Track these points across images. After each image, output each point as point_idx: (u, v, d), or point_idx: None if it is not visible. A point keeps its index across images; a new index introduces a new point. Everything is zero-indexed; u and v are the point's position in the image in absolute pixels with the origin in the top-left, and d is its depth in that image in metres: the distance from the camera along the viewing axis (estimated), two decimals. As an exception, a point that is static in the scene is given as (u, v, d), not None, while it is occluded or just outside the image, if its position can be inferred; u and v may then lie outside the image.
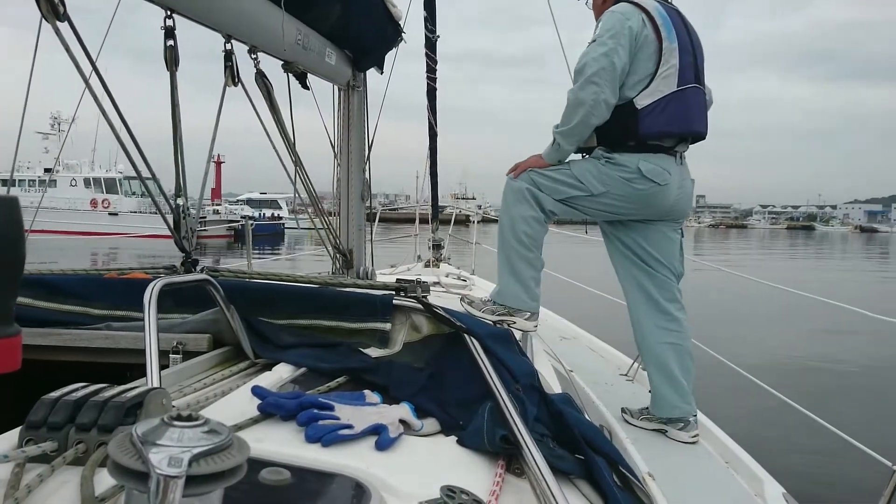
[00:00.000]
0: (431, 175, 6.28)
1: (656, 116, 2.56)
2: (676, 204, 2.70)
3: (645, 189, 2.60)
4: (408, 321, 1.86)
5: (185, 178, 1.93)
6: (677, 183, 2.66)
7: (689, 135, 2.68)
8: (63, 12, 1.51)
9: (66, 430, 0.93)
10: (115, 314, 1.88)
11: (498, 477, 1.10)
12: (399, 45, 3.74)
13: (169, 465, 0.59)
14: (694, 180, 2.81)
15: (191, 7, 1.96)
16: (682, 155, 2.70)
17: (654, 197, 2.62)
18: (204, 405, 1.31)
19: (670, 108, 2.57)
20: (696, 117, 2.65)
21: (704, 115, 2.71)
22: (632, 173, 2.58)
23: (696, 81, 2.64)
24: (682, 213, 2.79)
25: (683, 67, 2.58)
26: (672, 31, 2.58)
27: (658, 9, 2.60)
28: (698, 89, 2.66)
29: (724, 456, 2.62)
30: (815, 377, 7.68)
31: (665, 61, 2.56)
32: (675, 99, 2.57)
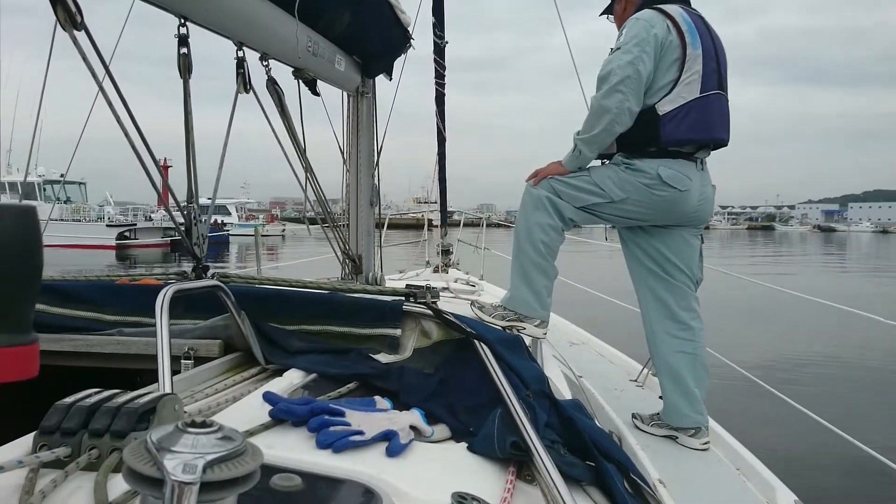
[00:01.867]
0: (440, 180, 6.30)
1: (678, 123, 2.56)
2: (698, 210, 2.69)
3: (665, 195, 2.59)
4: (418, 327, 1.86)
5: (198, 185, 1.94)
6: (698, 189, 2.65)
7: (711, 142, 2.67)
8: (80, 21, 1.52)
9: (79, 435, 0.94)
10: (126, 320, 1.89)
11: (509, 483, 1.10)
12: (407, 51, 3.75)
13: (184, 471, 0.59)
14: (715, 186, 2.79)
15: (204, 15, 1.98)
16: (702, 161, 2.69)
17: (675, 203, 2.61)
18: (215, 411, 1.32)
19: (692, 115, 2.56)
20: (718, 124, 2.64)
21: (727, 122, 2.70)
22: (652, 179, 2.58)
23: (720, 88, 2.63)
24: (703, 218, 2.76)
25: (707, 74, 2.57)
26: (696, 37, 2.57)
27: (683, 15, 2.59)
28: (721, 96, 2.64)
29: (736, 462, 2.61)
30: (824, 380, 7.63)
31: (688, 68, 2.56)
32: (698, 106, 2.56)
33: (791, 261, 28.07)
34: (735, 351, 7.20)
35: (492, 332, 1.76)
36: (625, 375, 3.88)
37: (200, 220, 1.89)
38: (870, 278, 21.26)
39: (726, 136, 2.70)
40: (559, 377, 2.20)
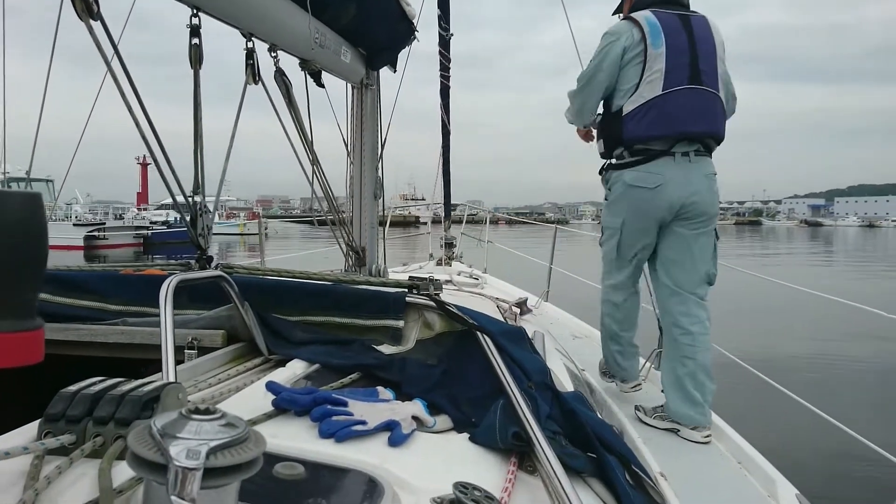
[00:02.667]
0: (444, 174, 6.29)
1: (638, 122, 2.69)
2: (686, 202, 2.71)
3: (638, 196, 2.74)
4: (420, 318, 1.87)
5: (204, 176, 1.94)
6: (679, 182, 2.70)
7: (679, 136, 2.69)
8: (97, 11, 1.53)
9: (84, 423, 0.95)
10: (131, 310, 1.90)
11: (510, 474, 1.10)
12: (412, 43, 3.75)
13: (187, 457, 0.60)
14: (713, 175, 2.79)
15: (216, 5, 1.99)
16: (685, 154, 2.71)
17: (652, 200, 2.72)
18: (219, 400, 1.33)
19: (652, 113, 2.67)
20: (686, 118, 2.67)
21: (707, 114, 2.71)
22: (623, 187, 2.78)
23: (694, 82, 2.66)
24: (699, 210, 2.75)
25: (672, 70, 2.65)
26: (660, 36, 2.67)
27: (648, 18, 2.73)
28: (694, 90, 2.67)
29: (737, 456, 2.61)
30: (825, 375, 7.63)
31: (649, 67, 2.68)
32: (659, 103, 2.66)
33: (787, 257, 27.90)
34: (736, 343, 7.20)
35: (494, 324, 1.77)
36: None
37: (206, 212, 1.90)
38: (868, 275, 21.15)
39: (705, 127, 2.72)
40: (562, 370, 2.20)
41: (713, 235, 2.84)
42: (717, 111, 2.75)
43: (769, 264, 23.55)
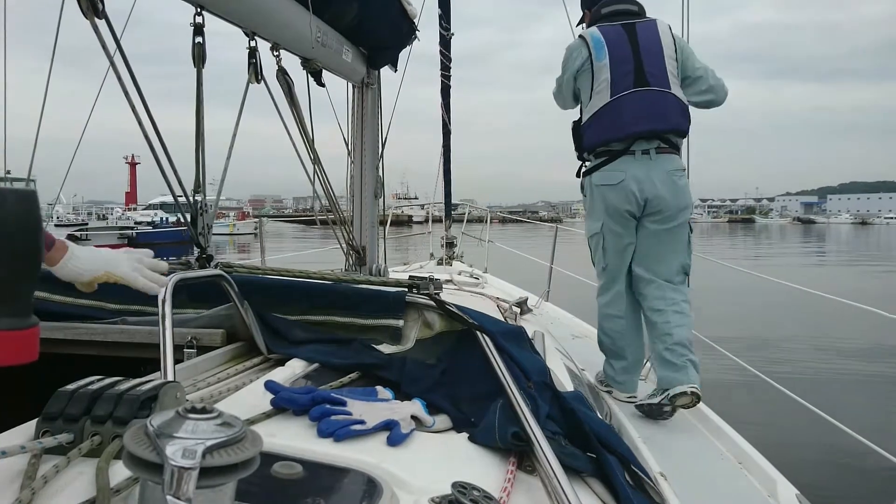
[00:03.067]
0: (445, 172, 6.30)
1: (594, 129, 2.95)
2: (649, 198, 2.87)
3: (605, 194, 2.94)
4: (420, 318, 1.87)
5: (205, 175, 1.94)
6: (639, 178, 2.86)
7: (631, 137, 2.87)
8: (102, 10, 1.53)
9: (81, 422, 0.95)
10: (130, 308, 1.90)
11: (509, 474, 1.10)
12: (413, 42, 3.74)
13: (183, 456, 0.59)
14: (677, 171, 2.92)
15: (220, 4, 1.99)
16: (645, 152, 2.88)
17: (618, 195, 2.90)
18: (217, 399, 1.33)
19: (605, 119, 2.90)
20: (635, 120, 2.86)
21: (655, 113, 2.87)
22: (593, 187, 2.99)
23: (641, 85, 2.87)
24: (664, 205, 2.88)
25: (618, 79, 2.89)
26: (603, 49, 2.93)
27: (593, 34, 2.99)
28: (639, 92, 2.87)
29: (737, 456, 2.61)
30: (824, 374, 7.62)
31: (596, 78, 2.94)
32: (608, 109, 2.89)
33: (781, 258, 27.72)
34: (735, 343, 7.19)
35: (494, 324, 1.77)
36: None
37: (206, 211, 1.90)
38: (867, 275, 21.13)
39: (654, 125, 2.87)
40: (561, 369, 2.20)
41: (686, 228, 2.97)
42: (668, 108, 2.89)
43: (765, 264, 23.53)
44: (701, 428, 2.92)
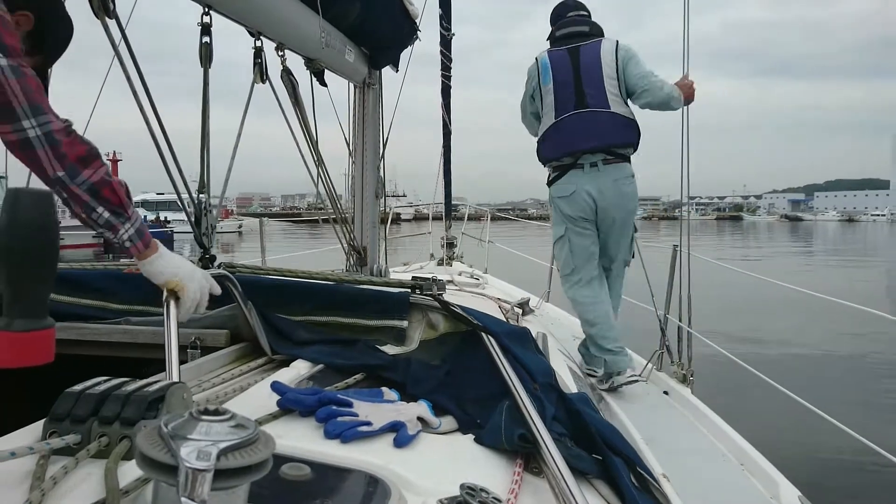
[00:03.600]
0: (445, 173, 6.29)
1: (545, 146, 3.40)
2: (599, 206, 3.31)
3: (559, 204, 3.41)
4: (424, 319, 1.86)
5: (210, 175, 1.94)
6: (589, 189, 3.30)
7: (575, 153, 3.29)
8: (113, 9, 1.53)
9: (89, 422, 0.94)
10: (134, 309, 1.90)
11: (516, 476, 1.10)
12: (414, 43, 3.74)
13: (198, 458, 0.59)
14: (629, 178, 3.34)
15: (227, 4, 1.99)
16: (593, 165, 3.29)
17: (570, 206, 3.35)
18: (224, 400, 1.32)
19: (553, 138, 3.33)
20: (576, 140, 3.29)
21: (594, 132, 3.27)
22: (553, 200, 3.44)
23: (581, 107, 3.27)
24: (612, 211, 3.32)
25: (561, 102, 3.29)
26: (548, 73, 3.32)
27: (542, 60, 3.39)
28: (580, 114, 3.27)
29: (739, 458, 2.61)
30: (824, 374, 7.63)
31: (544, 101, 3.36)
32: (553, 130, 3.32)
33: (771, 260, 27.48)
34: (735, 343, 7.20)
35: (499, 325, 1.77)
36: (629, 370, 3.88)
37: (210, 211, 1.90)
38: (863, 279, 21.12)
39: (595, 143, 3.27)
40: (565, 371, 2.20)
41: (631, 228, 3.45)
42: (607, 126, 3.28)
43: (758, 267, 23.52)
44: (703, 429, 2.92)
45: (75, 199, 1.25)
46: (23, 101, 1.16)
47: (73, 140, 1.23)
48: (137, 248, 1.36)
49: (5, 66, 1.14)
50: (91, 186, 1.25)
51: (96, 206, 1.28)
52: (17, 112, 1.16)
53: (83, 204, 1.26)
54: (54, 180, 1.21)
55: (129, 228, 1.33)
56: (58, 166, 1.21)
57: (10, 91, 1.14)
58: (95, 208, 1.28)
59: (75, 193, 1.24)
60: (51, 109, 1.20)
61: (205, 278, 1.48)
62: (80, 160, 1.24)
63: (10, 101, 1.15)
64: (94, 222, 1.30)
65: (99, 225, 1.30)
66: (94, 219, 1.29)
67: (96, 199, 1.27)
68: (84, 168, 1.24)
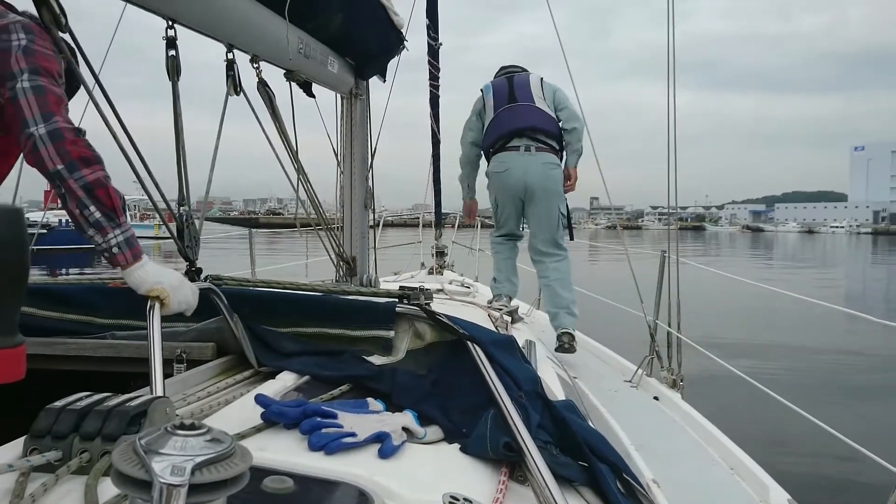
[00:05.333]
0: (434, 182, 6.30)
1: (488, 135, 4.17)
2: (527, 182, 3.97)
3: (495, 179, 4.11)
4: (411, 328, 1.86)
5: (189, 187, 1.93)
6: (520, 167, 3.99)
7: (508, 134, 4.04)
8: (65, 23, 1.52)
9: (70, 438, 0.94)
10: (119, 323, 1.88)
11: (501, 484, 1.10)
12: (401, 52, 3.75)
13: (172, 473, 0.59)
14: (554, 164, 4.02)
15: (192, 17, 1.96)
16: (526, 148, 4.00)
17: (505, 179, 4.03)
18: (208, 414, 1.32)
19: (492, 128, 4.13)
20: (508, 123, 4.08)
21: (521, 117, 4.06)
22: (488, 174, 4.20)
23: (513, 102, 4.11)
24: (540, 189, 3.98)
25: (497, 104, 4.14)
26: (490, 91, 4.22)
27: (486, 85, 4.31)
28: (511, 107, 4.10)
29: (729, 462, 2.61)
30: (815, 378, 7.65)
31: (486, 108, 4.21)
32: (493, 122, 4.13)
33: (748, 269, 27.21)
34: (724, 348, 7.21)
35: (485, 334, 1.76)
36: (619, 376, 3.89)
37: (192, 223, 1.89)
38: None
39: (522, 124, 4.04)
40: (553, 378, 2.20)
41: (556, 209, 4.03)
42: (531, 114, 4.06)
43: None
44: (693, 434, 2.93)
45: (70, 193, 1.35)
46: (35, 111, 1.32)
47: (79, 142, 1.35)
48: (125, 256, 1.42)
49: (27, 88, 1.33)
50: (87, 184, 1.35)
51: (89, 205, 1.36)
52: (28, 120, 1.31)
53: (77, 199, 1.35)
54: (53, 174, 1.33)
55: (119, 235, 1.40)
56: (58, 160, 1.32)
57: (25, 104, 1.31)
58: (88, 206, 1.36)
59: (71, 188, 1.34)
60: (64, 116, 1.35)
61: (192, 292, 1.54)
62: (81, 159, 1.34)
63: (24, 112, 1.31)
64: (86, 220, 1.37)
65: (90, 223, 1.38)
66: (86, 216, 1.37)
67: (90, 197, 1.36)
68: (84, 167, 1.34)
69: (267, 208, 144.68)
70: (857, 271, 28.54)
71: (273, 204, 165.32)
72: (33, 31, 1.44)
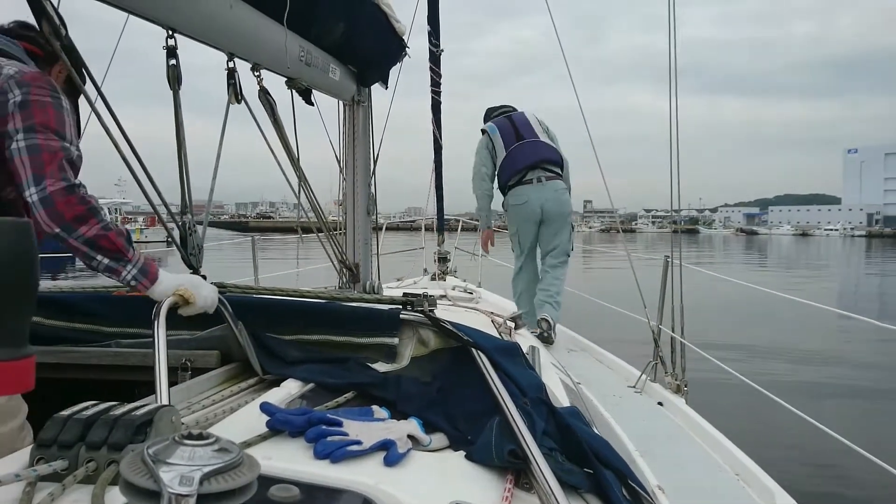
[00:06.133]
0: (437, 188, 6.30)
1: (503, 172, 5.03)
2: (544, 208, 4.92)
3: (517, 209, 5.01)
4: (415, 335, 1.86)
5: (191, 196, 1.93)
6: (537, 197, 4.91)
7: (523, 169, 4.93)
8: (65, 34, 1.53)
9: (76, 448, 0.94)
10: (124, 331, 1.89)
11: (507, 492, 1.10)
12: (403, 59, 3.76)
13: (180, 483, 0.59)
14: (564, 189, 5.01)
15: (193, 27, 1.96)
16: (539, 179, 4.92)
17: (524, 210, 4.96)
18: (213, 422, 1.32)
19: (506, 163, 4.99)
20: (522, 159, 4.95)
21: (531, 152, 4.95)
22: (508, 207, 5.08)
23: (518, 140, 5.00)
24: (554, 214, 4.95)
25: (507, 143, 5.02)
26: (496, 131, 5.09)
27: (490, 126, 5.15)
28: (519, 145, 4.98)
29: (735, 468, 2.61)
30: (821, 384, 7.63)
31: (496, 148, 5.05)
32: (507, 158, 4.99)
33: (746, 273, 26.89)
34: (729, 353, 7.20)
35: (489, 341, 1.76)
36: (623, 382, 3.88)
37: (195, 231, 1.89)
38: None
39: (534, 159, 4.95)
40: (557, 385, 2.20)
41: (569, 226, 5.05)
42: (539, 148, 4.98)
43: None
44: (698, 440, 2.92)
45: (75, 250, 1.43)
46: (28, 174, 1.38)
47: (72, 199, 1.40)
48: (144, 284, 1.50)
49: (21, 148, 1.38)
50: (87, 240, 1.42)
51: (95, 255, 1.44)
52: (22, 185, 1.38)
53: (83, 254, 1.44)
54: (53, 236, 1.40)
55: (132, 269, 1.48)
56: (53, 224, 1.38)
57: (20, 165, 1.38)
58: (95, 257, 1.44)
59: (73, 246, 1.42)
60: (57, 175, 1.39)
61: (212, 290, 1.61)
62: (75, 219, 1.39)
63: (20, 174, 1.38)
64: (96, 269, 1.46)
65: (101, 270, 1.46)
66: (95, 266, 1.46)
67: (94, 249, 1.43)
68: (80, 225, 1.40)
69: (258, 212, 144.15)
70: (861, 275, 28.42)
71: (265, 207, 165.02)
72: (27, 82, 1.46)
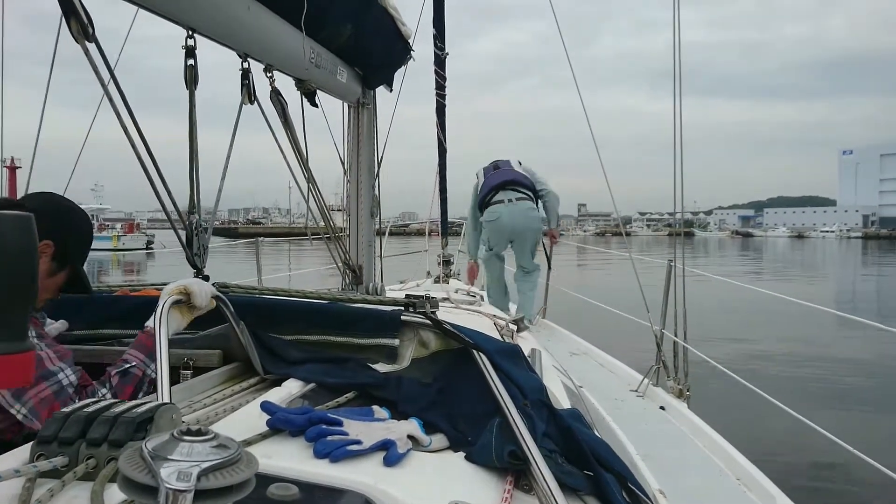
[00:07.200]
0: (441, 191, 6.31)
1: (481, 191, 5.85)
2: (514, 227, 5.68)
3: (489, 225, 5.74)
4: (416, 337, 1.86)
5: (200, 195, 1.94)
6: (507, 216, 5.62)
7: (495, 188, 5.69)
8: (92, 33, 1.54)
9: (77, 444, 0.94)
10: (126, 332, 1.89)
11: (506, 493, 1.09)
12: (408, 62, 3.77)
13: (178, 479, 0.59)
14: (533, 208, 5.73)
15: (212, 27, 2.00)
16: (510, 199, 5.63)
17: (496, 226, 5.70)
18: (214, 420, 1.32)
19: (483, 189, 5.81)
20: (494, 181, 5.76)
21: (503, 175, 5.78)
22: (484, 223, 5.80)
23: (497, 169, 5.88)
24: (522, 231, 5.72)
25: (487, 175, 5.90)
26: (482, 173, 5.93)
27: (479, 173, 5.98)
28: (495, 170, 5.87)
29: (736, 472, 2.60)
30: (823, 389, 7.61)
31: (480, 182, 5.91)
32: (484, 184, 5.83)
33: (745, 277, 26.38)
34: (731, 358, 7.18)
35: (490, 343, 1.76)
36: (625, 385, 3.88)
37: (201, 231, 1.90)
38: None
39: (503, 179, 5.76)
40: (558, 387, 2.20)
41: (534, 242, 5.85)
42: (510, 173, 5.77)
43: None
44: (699, 444, 2.92)
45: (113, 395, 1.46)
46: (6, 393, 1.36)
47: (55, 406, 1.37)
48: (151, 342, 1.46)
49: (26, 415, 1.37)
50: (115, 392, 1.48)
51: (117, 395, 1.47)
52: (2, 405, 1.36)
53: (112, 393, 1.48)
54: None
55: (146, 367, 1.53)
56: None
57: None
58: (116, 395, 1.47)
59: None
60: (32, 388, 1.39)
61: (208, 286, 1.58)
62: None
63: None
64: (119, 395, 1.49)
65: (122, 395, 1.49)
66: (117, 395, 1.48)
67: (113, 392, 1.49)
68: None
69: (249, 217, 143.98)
70: (862, 278, 28.34)
71: (258, 213, 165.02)
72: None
